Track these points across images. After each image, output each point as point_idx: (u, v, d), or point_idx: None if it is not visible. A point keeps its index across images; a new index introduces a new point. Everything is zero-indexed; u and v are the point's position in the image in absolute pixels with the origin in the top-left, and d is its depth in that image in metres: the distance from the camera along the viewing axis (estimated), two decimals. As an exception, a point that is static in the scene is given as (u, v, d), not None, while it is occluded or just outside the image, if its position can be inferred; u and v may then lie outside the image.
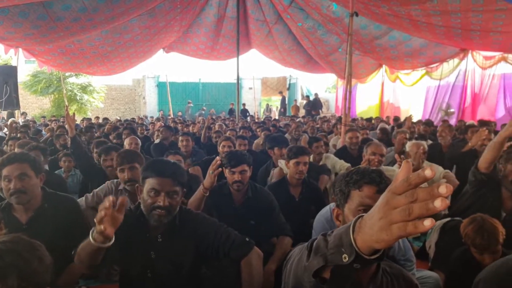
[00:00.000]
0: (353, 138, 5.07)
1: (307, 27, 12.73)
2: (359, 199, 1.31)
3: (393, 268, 1.46)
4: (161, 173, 1.97)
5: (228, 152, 3.18)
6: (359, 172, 1.36)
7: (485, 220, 2.31)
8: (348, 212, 1.34)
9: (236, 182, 2.88)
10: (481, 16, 7.81)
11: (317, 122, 11.26)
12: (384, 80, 15.43)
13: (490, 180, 2.90)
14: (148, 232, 2.03)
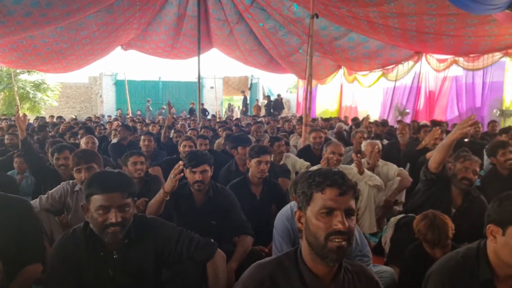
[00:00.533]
0: (317, 138, 5.17)
1: (268, 27, 12.84)
2: (322, 201, 1.31)
3: (354, 266, 1.49)
4: (107, 188, 1.82)
5: (189, 152, 3.14)
6: (321, 174, 1.35)
7: (436, 216, 2.42)
8: (311, 214, 1.34)
9: (197, 182, 2.85)
10: (435, 20, 8.18)
11: (278, 122, 11.37)
12: (343, 81, 15.82)
13: (441, 179, 3.04)
14: (102, 250, 1.91)
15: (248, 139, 4.70)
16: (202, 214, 2.89)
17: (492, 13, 6.72)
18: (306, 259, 1.38)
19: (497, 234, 1.54)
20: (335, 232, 1.28)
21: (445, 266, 1.68)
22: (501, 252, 1.54)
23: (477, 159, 3.01)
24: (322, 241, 1.29)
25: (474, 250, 1.66)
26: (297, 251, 1.43)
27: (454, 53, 10.67)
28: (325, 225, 1.30)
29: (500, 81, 10.16)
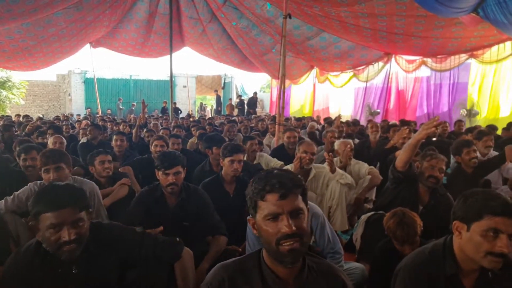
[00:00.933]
0: (291, 138, 5.19)
1: (241, 26, 12.84)
2: (266, 208, 1.30)
3: (320, 264, 1.48)
4: (57, 204, 1.69)
5: (161, 153, 3.07)
6: (260, 180, 1.33)
7: (405, 214, 2.49)
8: (260, 221, 1.33)
9: (170, 184, 2.80)
10: (404, 21, 8.39)
11: (252, 122, 11.38)
12: (315, 81, 16.01)
13: (408, 177, 3.13)
14: (60, 267, 1.80)
15: (223, 139, 4.69)
16: (175, 216, 2.85)
17: (458, 15, 6.95)
18: (267, 260, 1.39)
19: (462, 230, 1.60)
20: (284, 236, 1.27)
21: (413, 262, 1.73)
22: (466, 247, 1.60)
23: (443, 158, 3.11)
24: (274, 246, 1.29)
25: (441, 245, 1.72)
26: (260, 252, 1.43)
27: (422, 54, 10.97)
28: (273, 230, 1.29)
29: (466, 82, 10.53)
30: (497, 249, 1.50)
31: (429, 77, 11.48)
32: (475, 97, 10.24)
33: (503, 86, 9.60)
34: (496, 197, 1.56)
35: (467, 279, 1.65)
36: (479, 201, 1.57)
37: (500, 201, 1.53)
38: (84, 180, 3.28)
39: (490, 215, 1.51)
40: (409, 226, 2.43)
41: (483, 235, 1.52)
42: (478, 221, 1.54)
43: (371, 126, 6.02)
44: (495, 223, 1.50)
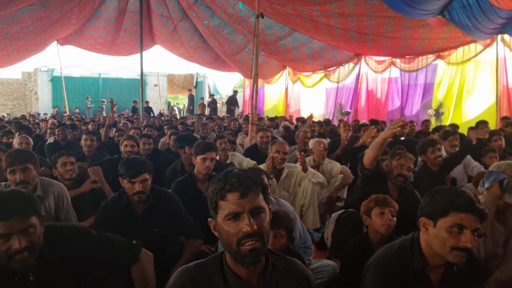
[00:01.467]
0: (264, 138, 5.19)
1: (213, 25, 12.78)
2: (226, 208, 1.30)
3: (283, 262, 1.49)
4: (2, 215, 1.58)
5: (125, 160, 2.88)
6: (220, 180, 1.33)
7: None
8: (220, 222, 1.33)
9: (137, 193, 2.66)
10: (374, 21, 8.57)
11: (224, 121, 11.35)
12: (288, 81, 16.13)
13: (376, 174, 3.20)
14: (15, 275, 1.69)
15: (196, 139, 4.66)
16: (143, 223, 2.73)
17: (425, 17, 7.16)
18: (229, 262, 1.38)
19: (429, 226, 1.66)
20: (245, 236, 1.27)
21: (382, 257, 1.78)
22: (432, 242, 1.65)
23: (411, 157, 3.20)
24: (235, 247, 1.28)
25: (408, 241, 1.77)
26: (223, 254, 1.42)
27: (391, 54, 11.24)
28: (234, 230, 1.28)
29: (433, 83, 10.87)
30: (461, 244, 1.56)
31: (398, 77, 11.78)
32: (441, 97, 10.58)
33: (468, 87, 9.97)
34: (460, 194, 1.62)
35: (434, 274, 1.70)
36: (445, 198, 1.62)
37: (464, 198, 1.59)
38: (52, 181, 3.18)
39: (455, 211, 1.57)
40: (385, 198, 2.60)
41: (448, 231, 1.58)
42: (444, 217, 1.59)
43: (343, 125, 6.13)
44: (460, 219, 1.56)
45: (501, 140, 5.17)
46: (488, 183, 2.68)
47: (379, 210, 2.53)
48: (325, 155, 4.55)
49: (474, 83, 9.80)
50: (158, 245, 2.39)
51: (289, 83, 16.08)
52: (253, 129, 6.41)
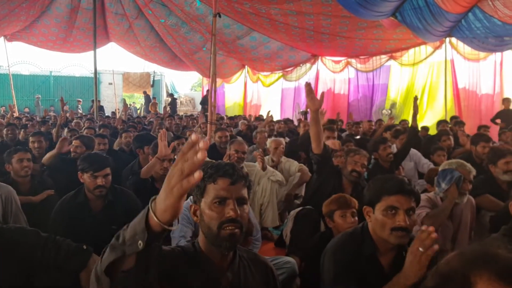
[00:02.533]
0: (223, 137, 5.17)
1: (170, 24, 12.55)
2: (215, 192, 1.36)
3: (249, 253, 1.58)
4: None
5: (87, 155, 2.88)
6: (213, 166, 1.41)
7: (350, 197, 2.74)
8: (205, 206, 1.39)
9: (99, 187, 2.65)
10: (330, 20, 8.76)
11: (184, 120, 11.20)
12: (247, 80, 16.18)
13: (325, 158, 3.29)
14: None
15: (154, 139, 4.57)
16: (101, 221, 2.68)
17: (378, 19, 7.41)
18: (204, 248, 1.43)
19: (370, 213, 1.81)
20: (227, 220, 1.34)
21: (337, 243, 1.89)
22: (375, 228, 1.78)
23: (365, 154, 3.33)
24: (216, 230, 1.34)
25: (359, 229, 1.90)
26: (195, 243, 1.47)
27: (346, 54, 11.55)
28: (218, 214, 1.35)
29: (387, 83, 11.28)
30: (397, 224, 1.69)
31: (354, 78, 12.13)
32: (394, 97, 11.01)
33: (419, 87, 10.42)
34: (391, 179, 1.78)
35: (384, 258, 1.81)
36: (377, 185, 1.78)
37: (393, 182, 1.74)
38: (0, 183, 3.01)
39: (386, 195, 1.72)
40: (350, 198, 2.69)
41: (384, 214, 1.72)
42: (379, 202, 1.74)
43: (303, 125, 6.22)
44: (391, 201, 1.71)
45: (450, 140, 5.48)
46: (446, 184, 2.80)
47: (341, 213, 2.63)
48: (282, 154, 4.60)
49: (425, 84, 10.26)
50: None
51: (248, 82, 16.14)
52: (212, 129, 6.37)
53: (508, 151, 3.42)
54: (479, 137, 4.54)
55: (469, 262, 0.86)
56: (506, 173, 3.30)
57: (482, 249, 0.89)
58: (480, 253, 0.87)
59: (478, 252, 0.88)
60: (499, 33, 7.26)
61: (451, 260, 0.91)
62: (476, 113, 9.32)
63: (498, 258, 0.84)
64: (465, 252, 0.90)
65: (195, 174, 0.86)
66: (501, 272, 0.81)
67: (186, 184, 0.87)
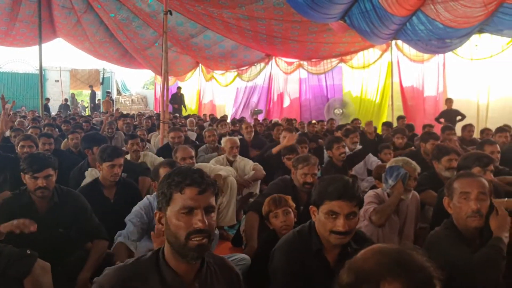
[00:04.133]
0: (176, 138, 5.08)
1: (120, 18, 12.16)
2: (182, 201, 1.32)
3: (216, 258, 1.55)
4: None
5: (28, 155, 2.75)
6: (180, 174, 1.35)
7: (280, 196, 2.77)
8: (171, 214, 1.33)
9: (39, 188, 2.53)
10: (282, 25, 8.89)
11: (135, 119, 10.93)
12: (201, 79, 16.03)
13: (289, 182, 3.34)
14: None
15: (105, 139, 4.43)
16: (47, 223, 2.56)
17: (328, 22, 7.62)
18: (168, 258, 1.38)
19: (315, 213, 1.87)
20: (195, 231, 1.30)
21: (285, 241, 1.95)
22: (318, 227, 1.86)
23: (314, 162, 3.28)
24: (183, 240, 1.30)
25: (307, 226, 1.96)
26: (159, 252, 1.42)
27: (299, 57, 11.78)
28: (186, 224, 1.31)
29: (339, 84, 11.62)
30: (335, 228, 1.76)
31: (306, 78, 12.39)
32: (345, 98, 11.36)
33: (368, 88, 10.83)
34: (334, 182, 1.80)
35: (330, 254, 1.88)
36: (321, 187, 1.83)
37: (335, 187, 1.78)
38: None
39: (328, 199, 1.78)
40: (280, 197, 2.71)
41: (326, 217, 1.79)
42: (322, 205, 1.80)
43: (245, 127, 6.26)
44: (332, 206, 1.77)
45: (403, 139, 5.75)
46: (393, 181, 2.93)
47: (273, 214, 2.67)
48: (237, 153, 4.61)
49: (372, 84, 10.69)
50: (63, 249, 2.22)
51: (202, 81, 15.99)
52: (165, 128, 6.26)
53: (452, 149, 3.62)
54: (429, 135, 4.72)
55: (383, 266, 0.92)
56: (448, 170, 3.48)
57: (398, 255, 0.94)
58: (395, 259, 0.93)
59: (394, 258, 0.93)
60: (441, 36, 7.70)
61: (367, 259, 0.96)
62: (421, 112, 9.83)
63: (410, 268, 0.90)
64: (383, 253, 0.96)
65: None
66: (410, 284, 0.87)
67: None
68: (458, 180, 2.07)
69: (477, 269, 1.84)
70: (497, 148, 3.94)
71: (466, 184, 2.02)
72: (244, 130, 6.19)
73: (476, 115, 8.90)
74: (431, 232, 2.20)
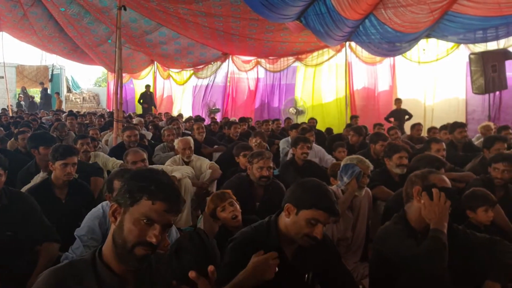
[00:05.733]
0: (132, 137, 4.93)
1: (71, 13, 11.65)
2: (147, 210, 1.29)
3: (157, 256, 1.52)
4: None
5: None
6: (158, 183, 1.32)
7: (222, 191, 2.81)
8: (130, 216, 1.30)
9: None
10: (239, 23, 8.89)
11: (86, 118, 10.55)
12: (157, 76, 15.74)
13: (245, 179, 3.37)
14: None
15: (53, 138, 4.24)
16: None
17: (284, 21, 7.72)
18: (108, 257, 1.34)
19: (292, 212, 1.86)
20: (146, 243, 1.28)
21: (241, 236, 1.97)
22: (290, 227, 1.87)
23: (269, 155, 3.35)
24: (130, 247, 1.28)
25: (265, 222, 1.99)
26: (96, 252, 1.38)
27: (256, 54, 11.84)
28: (140, 232, 1.28)
29: (295, 83, 11.80)
30: (313, 234, 1.82)
31: (263, 77, 12.48)
32: (301, 96, 11.57)
33: (322, 87, 11.09)
34: (325, 195, 1.85)
35: (288, 250, 1.93)
36: (313, 194, 1.85)
37: (327, 199, 1.83)
38: None
39: (316, 208, 1.81)
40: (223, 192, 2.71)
41: (306, 222, 1.82)
42: (307, 209, 1.82)
43: (197, 128, 6.09)
44: (318, 215, 1.81)
45: (356, 137, 5.96)
46: (348, 178, 3.03)
47: (220, 208, 2.66)
48: (191, 154, 4.56)
49: (328, 84, 10.96)
50: (12, 252, 2.11)
51: (159, 79, 15.70)
52: (119, 127, 6.10)
53: (403, 147, 3.83)
54: (378, 136, 4.96)
55: None
56: (399, 166, 3.67)
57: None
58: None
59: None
60: (391, 40, 8.03)
61: None
62: (374, 112, 10.21)
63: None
64: None
65: None
66: None
67: None
68: (435, 175, 2.17)
69: (423, 261, 1.94)
70: (443, 146, 4.24)
71: (443, 181, 2.14)
72: (196, 131, 6.06)
73: (423, 115, 9.38)
74: (381, 227, 2.30)
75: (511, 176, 3.22)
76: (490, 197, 2.74)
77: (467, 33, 7.34)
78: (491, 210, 2.71)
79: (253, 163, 3.30)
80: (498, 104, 8.07)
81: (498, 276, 2.05)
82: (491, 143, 4.12)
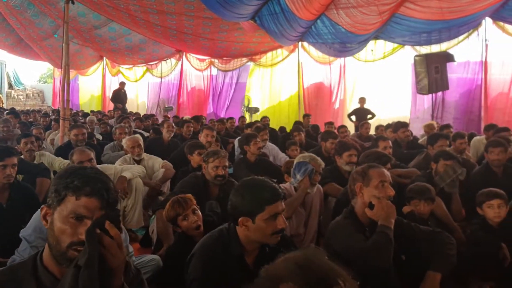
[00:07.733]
0: (80, 135, 4.71)
1: (13, 4, 10.97)
2: (75, 207, 1.24)
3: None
4: None
5: None
6: (82, 177, 1.26)
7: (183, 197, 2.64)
8: (58, 216, 1.25)
9: None
10: (193, 21, 8.77)
11: (30, 116, 10.04)
12: (106, 73, 15.23)
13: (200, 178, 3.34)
14: None
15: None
16: None
17: (239, 21, 7.73)
18: (47, 261, 1.30)
19: (248, 223, 1.81)
20: (80, 243, 1.22)
21: (204, 244, 1.92)
22: (254, 235, 1.83)
23: (224, 154, 3.35)
24: (64, 248, 1.23)
25: (226, 230, 1.94)
26: (37, 255, 1.33)
27: (210, 54, 11.76)
28: (72, 230, 1.23)
29: (248, 82, 11.85)
30: (278, 228, 1.79)
31: (217, 76, 12.44)
32: (253, 95, 11.66)
33: (276, 86, 11.22)
34: (265, 187, 1.82)
35: (249, 257, 1.91)
36: (255, 195, 1.81)
37: (270, 190, 1.81)
38: None
39: (268, 205, 1.78)
40: (183, 201, 2.55)
41: (266, 222, 1.78)
42: (262, 212, 1.78)
43: (167, 126, 5.96)
44: (274, 209, 1.78)
45: (301, 135, 6.12)
46: (301, 175, 3.09)
47: (182, 216, 2.52)
48: (141, 151, 4.47)
49: (280, 83, 11.11)
50: None
51: (107, 75, 15.20)
52: (65, 125, 5.85)
53: (353, 146, 3.96)
54: (328, 134, 5.11)
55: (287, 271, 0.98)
56: (348, 164, 3.80)
57: (302, 260, 1.01)
58: (297, 263, 0.99)
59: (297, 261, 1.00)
60: (343, 40, 8.27)
61: (279, 264, 1.03)
62: (326, 111, 10.46)
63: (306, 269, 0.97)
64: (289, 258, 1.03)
65: None
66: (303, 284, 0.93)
67: None
68: (374, 169, 2.24)
69: (370, 254, 2.02)
70: (389, 143, 4.48)
71: (382, 174, 2.23)
72: (165, 129, 5.88)
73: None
74: (332, 222, 2.37)
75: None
76: (430, 191, 2.91)
77: (413, 35, 7.72)
78: (431, 203, 2.88)
79: (208, 162, 3.28)
80: (440, 104, 8.51)
81: (439, 267, 2.16)
82: (435, 140, 4.40)
